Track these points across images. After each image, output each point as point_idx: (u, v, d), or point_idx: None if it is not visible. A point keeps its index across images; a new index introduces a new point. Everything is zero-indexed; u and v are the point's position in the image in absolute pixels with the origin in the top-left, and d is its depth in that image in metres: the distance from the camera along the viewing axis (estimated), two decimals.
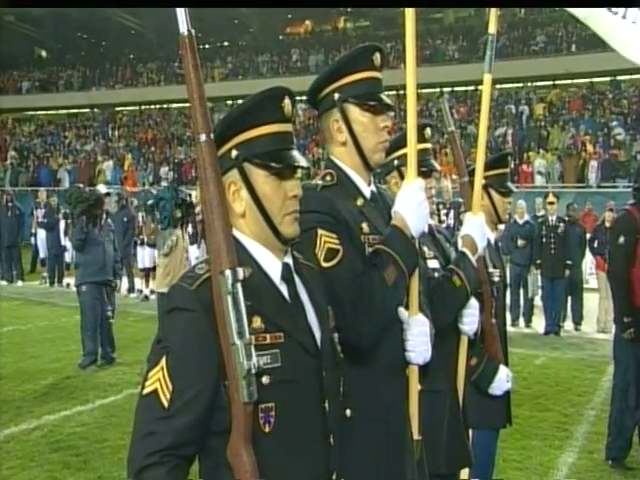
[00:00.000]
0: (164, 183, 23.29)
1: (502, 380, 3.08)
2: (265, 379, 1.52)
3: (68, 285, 14.74)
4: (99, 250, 8.00)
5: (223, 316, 1.46)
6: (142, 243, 13.15)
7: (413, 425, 2.10)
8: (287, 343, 1.59)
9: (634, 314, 4.96)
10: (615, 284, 5.25)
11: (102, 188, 8.66)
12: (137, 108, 32.41)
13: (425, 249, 2.55)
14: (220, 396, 1.51)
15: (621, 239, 5.07)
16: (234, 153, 1.65)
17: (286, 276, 1.68)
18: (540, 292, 10.98)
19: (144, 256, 13.18)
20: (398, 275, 1.98)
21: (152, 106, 31.91)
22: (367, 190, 2.17)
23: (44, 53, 38.61)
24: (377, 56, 2.14)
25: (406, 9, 2.20)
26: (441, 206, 11.23)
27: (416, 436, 2.11)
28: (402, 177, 2.62)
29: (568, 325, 10.80)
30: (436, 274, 2.53)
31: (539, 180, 19.29)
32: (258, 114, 1.65)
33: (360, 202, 2.12)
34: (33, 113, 34.06)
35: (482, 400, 3.09)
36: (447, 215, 11.07)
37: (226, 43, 34.49)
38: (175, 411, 1.49)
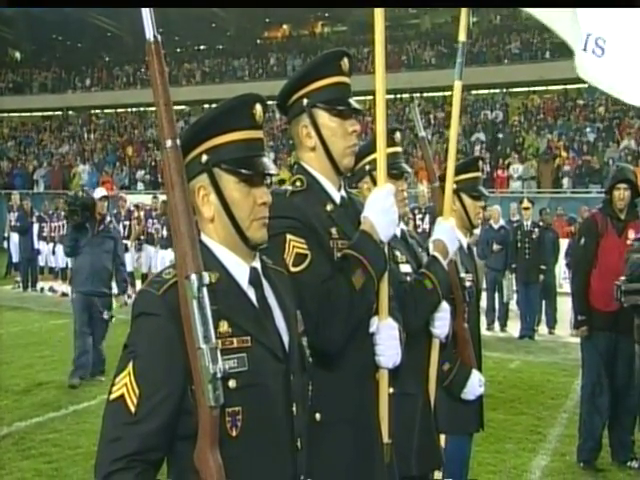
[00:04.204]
0: (140, 186, 23.24)
1: (474, 385, 3.09)
2: (232, 383, 1.53)
3: (42, 290, 14.61)
4: (86, 259, 7.56)
5: (189, 320, 1.47)
6: None
7: (383, 429, 2.11)
8: (254, 347, 1.59)
9: (588, 313, 5.15)
10: (574, 283, 5.47)
11: (99, 192, 7.96)
12: (113, 111, 32.15)
13: (398, 253, 2.58)
14: (187, 400, 1.51)
15: (582, 241, 5.33)
16: (204, 158, 1.66)
17: (254, 280, 1.69)
18: (515, 296, 11.08)
19: None
20: (366, 280, 1.99)
21: (128, 109, 31.68)
22: (337, 195, 2.18)
23: (18, 54, 38.14)
24: (345, 61, 2.16)
25: (375, 13, 2.21)
26: (417, 211, 11.32)
27: (386, 440, 2.11)
28: (374, 181, 2.64)
29: (542, 329, 10.90)
30: (408, 278, 2.56)
31: (515, 185, 19.48)
32: (229, 120, 1.66)
33: (330, 207, 2.13)
34: (6, 115, 33.63)
35: (455, 405, 3.09)
36: (422, 220, 11.15)
37: (203, 46, 34.37)
38: (142, 416, 1.49)
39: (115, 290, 8.15)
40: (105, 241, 7.73)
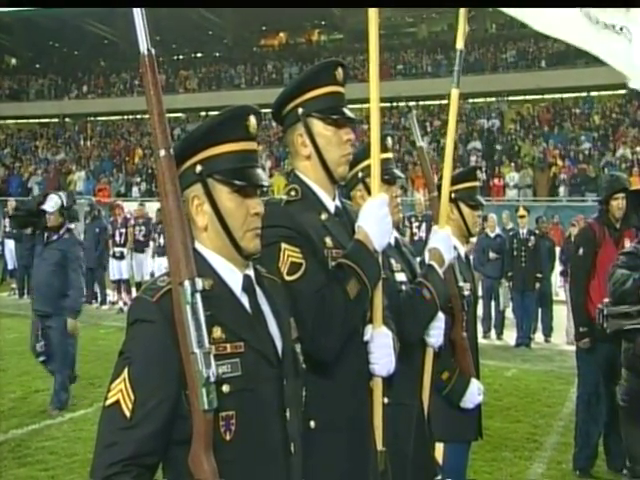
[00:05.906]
0: (136, 193, 23.22)
1: (473, 393, 3.10)
2: (225, 388, 1.55)
3: None
4: (34, 273, 6.61)
5: (183, 326, 1.49)
6: (114, 255, 13.07)
7: (377, 436, 2.12)
8: (247, 352, 1.62)
9: (590, 324, 5.04)
10: (574, 294, 5.40)
11: (48, 204, 6.39)
12: (109, 118, 32.16)
13: (393, 262, 2.58)
14: (181, 405, 1.54)
15: (580, 251, 5.28)
16: (198, 168, 1.69)
17: (247, 287, 1.71)
18: (511, 304, 11.10)
19: (114, 268, 13.11)
20: (360, 289, 2.00)
21: (125, 116, 31.69)
22: (331, 204, 2.20)
23: (14, 61, 38.13)
24: (339, 71, 2.19)
25: (369, 14, 2.23)
26: (413, 219, 11.35)
27: (380, 447, 2.12)
28: (367, 188, 2.56)
29: (538, 337, 10.92)
30: (403, 287, 2.55)
31: (511, 193, 19.55)
32: (223, 131, 1.69)
33: (324, 216, 2.15)
34: (2, 122, 33.60)
35: (453, 413, 3.09)
36: (419, 228, 11.18)
37: (200, 54, 34.45)
38: (137, 421, 1.52)
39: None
40: (53, 254, 6.42)
